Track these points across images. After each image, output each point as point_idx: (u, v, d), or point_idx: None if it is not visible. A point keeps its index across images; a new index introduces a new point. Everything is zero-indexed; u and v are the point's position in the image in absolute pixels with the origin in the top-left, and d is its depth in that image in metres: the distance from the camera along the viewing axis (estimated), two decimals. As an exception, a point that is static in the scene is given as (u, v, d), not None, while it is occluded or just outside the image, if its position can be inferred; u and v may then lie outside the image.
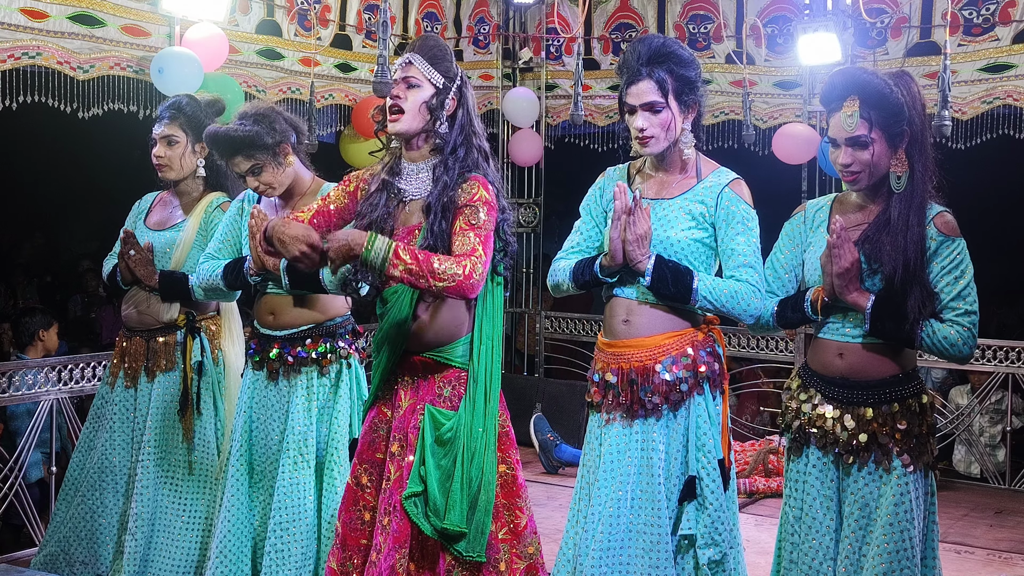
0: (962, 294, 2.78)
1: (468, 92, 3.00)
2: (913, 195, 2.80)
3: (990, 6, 5.80)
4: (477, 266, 2.75)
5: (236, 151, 3.51)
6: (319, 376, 3.56)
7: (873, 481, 2.82)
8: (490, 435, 2.91)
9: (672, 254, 3.00)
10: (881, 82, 2.79)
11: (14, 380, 4.56)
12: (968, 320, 2.77)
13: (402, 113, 2.91)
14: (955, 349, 2.77)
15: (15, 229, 10.46)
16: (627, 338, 3.03)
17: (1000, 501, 5.79)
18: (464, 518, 2.84)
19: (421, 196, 2.96)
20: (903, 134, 2.80)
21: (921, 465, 2.83)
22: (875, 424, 2.81)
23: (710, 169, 3.09)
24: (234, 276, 3.59)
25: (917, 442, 2.82)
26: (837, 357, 2.89)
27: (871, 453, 2.82)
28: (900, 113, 2.78)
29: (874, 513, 2.80)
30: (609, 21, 6.94)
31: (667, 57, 2.97)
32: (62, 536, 3.94)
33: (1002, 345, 6.06)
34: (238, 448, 3.56)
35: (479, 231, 2.82)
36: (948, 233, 2.79)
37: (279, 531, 3.43)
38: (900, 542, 2.76)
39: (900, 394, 2.83)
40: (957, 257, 2.79)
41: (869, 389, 2.84)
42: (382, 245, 2.71)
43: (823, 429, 2.88)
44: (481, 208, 2.85)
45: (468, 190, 2.88)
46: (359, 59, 6.26)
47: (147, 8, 4.96)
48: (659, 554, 2.91)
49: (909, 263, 2.75)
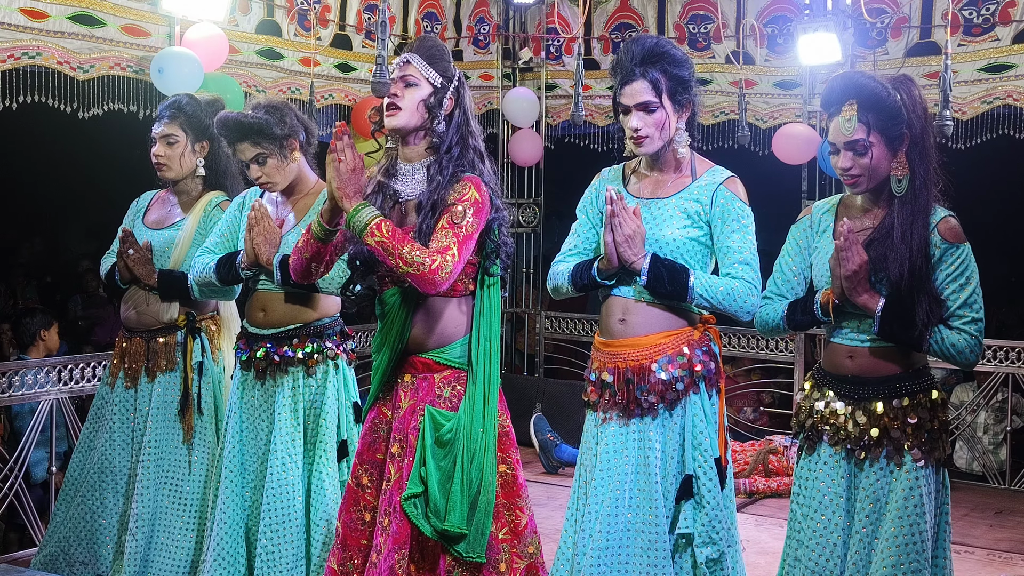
0: (968, 301, 2.79)
1: (465, 93, 3.01)
2: (916, 200, 2.81)
3: (990, 6, 5.80)
4: (446, 264, 2.77)
5: (244, 136, 3.51)
6: (305, 376, 3.55)
7: (884, 476, 2.83)
8: (490, 436, 2.91)
9: (668, 253, 3.00)
10: (879, 85, 2.80)
11: (15, 380, 4.56)
12: (975, 328, 2.79)
13: (399, 110, 2.92)
14: (962, 356, 2.80)
15: (15, 229, 10.46)
16: (623, 337, 3.04)
17: (1000, 501, 5.80)
18: (465, 519, 2.83)
19: (416, 196, 2.97)
20: (902, 137, 2.81)
21: (933, 461, 2.84)
22: (886, 419, 2.83)
23: (705, 168, 3.10)
24: (227, 270, 3.59)
25: (929, 437, 2.83)
26: (848, 359, 2.91)
27: (883, 448, 2.83)
28: (898, 116, 2.79)
29: (884, 508, 2.81)
30: (609, 21, 6.94)
31: (660, 57, 2.98)
32: (62, 536, 3.94)
33: (1002, 345, 6.06)
34: (230, 449, 3.56)
35: (458, 230, 2.83)
36: (952, 239, 2.80)
37: (270, 532, 3.43)
38: (911, 535, 2.76)
39: (910, 389, 2.85)
40: (962, 264, 2.80)
41: (879, 384, 2.86)
42: (368, 213, 2.81)
43: (835, 425, 2.90)
44: (468, 208, 2.85)
45: (459, 190, 2.88)
46: (359, 59, 6.26)
47: (147, 8, 4.96)
48: (657, 553, 2.91)
49: (915, 269, 2.77)
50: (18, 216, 10.40)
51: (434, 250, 2.78)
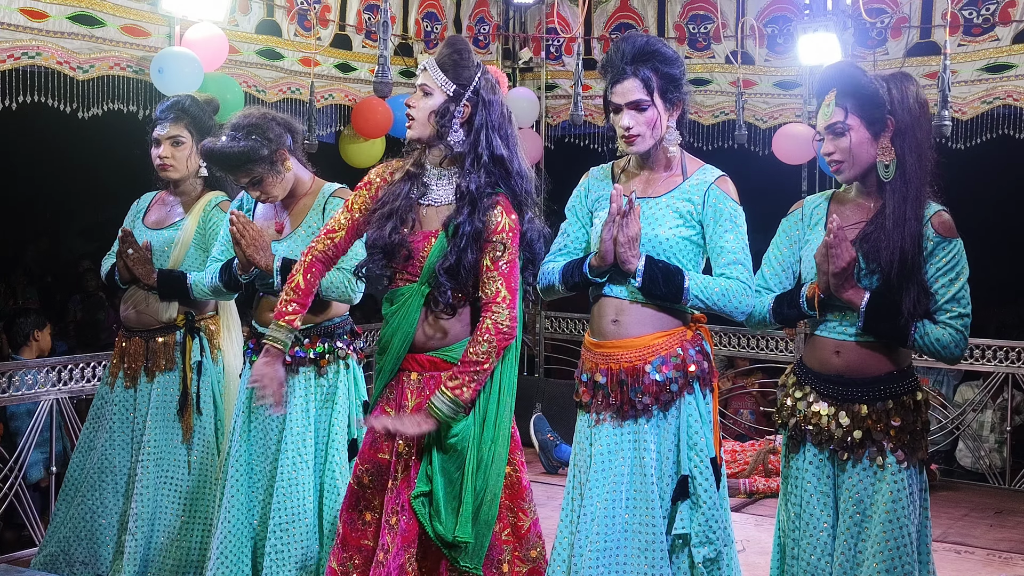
0: (956, 296, 2.79)
1: (489, 96, 2.95)
2: (907, 188, 2.81)
3: (990, 6, 5.80)
4: (507, 313, 2.86)
5: (234, 168, 3.49)
6: (317, 376, 3.55)
7: (868, 478, 2.83)
8: (499, 446, 2.90)
9: (660, 252, 2.99)
10: (859, 72, 2.86)
11: (14, 380, 4.56)
12: (961, 323, 2.79)
13: (414, 120, 2.93)
14: (947, 351, 2.80)
15: (15, 229, 10.46)
16: (616, 338, 3.02)
17: (1000, 501, 5.79)
18: (469, 530, 2.83)
19: (440, 203, 2.96)
20: (884, 122, 2.83)
21: (915, 461, 2.85)
22: (870, 421, 2.83)
23: (695, 167, 3.09)
24: (228, 275, 3.61)
25: (911, 438, 2.83)
26: (834, 355, 2.90)
27: (865, 450, 2.83)
28: (876, 100, 2.82)
29: (869, 510, 2.81)
30: (609, 21, 6.94)
31: (651, 55, 2.98)
32: (62, 536, 3.94)
33: (1002, 345, 6.06)
34: (237, 448, 3.55)
35: (502, 270, 2.88)
36: (945, 234, 2.81)
37: (279, 532, 3.43)
38: (899, 538, 2.77)
39: (895, 391, 2.85)
40: (953, 259, 2.80)
41: (864, 386, 2.85)
42: (440, 404, 2.82)
43: (818, 426, 2.90)
44: (506, 241, 2.88)
45: (492, 217, 2.88)
46: (359, 59, 6.26)
47: (147, 8, 4.95)
48: (655, 553, 2.91)
49: (906, 258, 2.77)
50: (18, 216, 10.40)
51: (489, 305, 2.86)
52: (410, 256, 2.92)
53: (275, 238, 3.59)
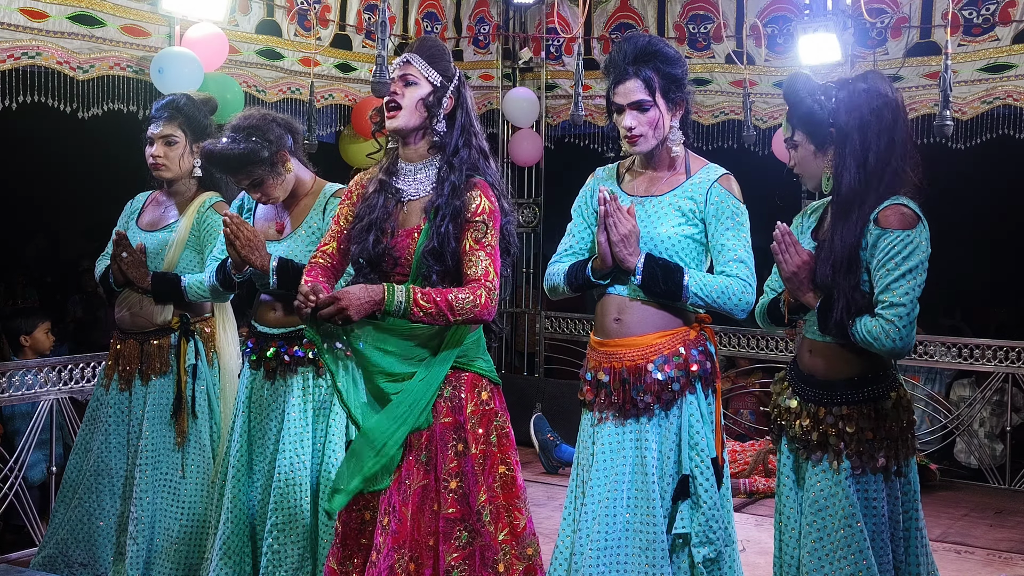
0: (890, 286, 2.69)
1: (466, 92, 3.02)
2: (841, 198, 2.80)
3: (990, 6, 5.80)
4: (493, 292, 2.83)
5: (234, 170, 3.49)
6: (315, 376, 3.54)
7: (826, 479, 2.82)
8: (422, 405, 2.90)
9: (662, 251, 3.00)
10: (800, 86, 2.95)
11: (14, 380, 4.56)
12: (892, 312, 2.67)
13: (399, 109, 2.93)
14: (878, 343, 2.69)
15: (15, 229, 10.45)
16: (619, 337, 3.04)
17: (1000, 501, 5.80)
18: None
19: (419, 196, 2.97)
20: (829, 135, 2.85)
21: (875, 468, 2.80)
22: (826, 424, 2.83)
23: (699, 165, 3.10)
24: (223, 274, 3.61)
25: (868, 446, 2.79)
26: (808, 353, 2.92)
27: (824, 452, 2.84)
28: (811, 116, 2.90)
29: (824, 511, 2.80)
30: (609, 21, 6.94)
31: (653, 55, 2.99)
32: (60, 538, 3.94)
33: (1002, 345, 6.06)
34: (237, 448, 3.55)
35: (488, 249, 2.87)
36: (886, 225, 2.73)
37: (276, 532, 3.42)
38: (840, 541, 2.75)
39: (852, 397, 2.82)
40: (892, 249, 2.70)
41: (826, 388, 2.86)
42: (401, 295, 2.77)
43: (789, 423, 2.93)
44: (488, 222, 2.88)
45: (473, 199, 2.89)
46: (359, 59, 6.26)
47: (147, 8, 4.96)
48: (655, 553, 2.91)
49: (839, 266, 2.76)
50: (18, 216, 10.40)
51: (473, 280, 2.83)
52: (396, 261, 2.94)
53: (275, 238, 3.58)
